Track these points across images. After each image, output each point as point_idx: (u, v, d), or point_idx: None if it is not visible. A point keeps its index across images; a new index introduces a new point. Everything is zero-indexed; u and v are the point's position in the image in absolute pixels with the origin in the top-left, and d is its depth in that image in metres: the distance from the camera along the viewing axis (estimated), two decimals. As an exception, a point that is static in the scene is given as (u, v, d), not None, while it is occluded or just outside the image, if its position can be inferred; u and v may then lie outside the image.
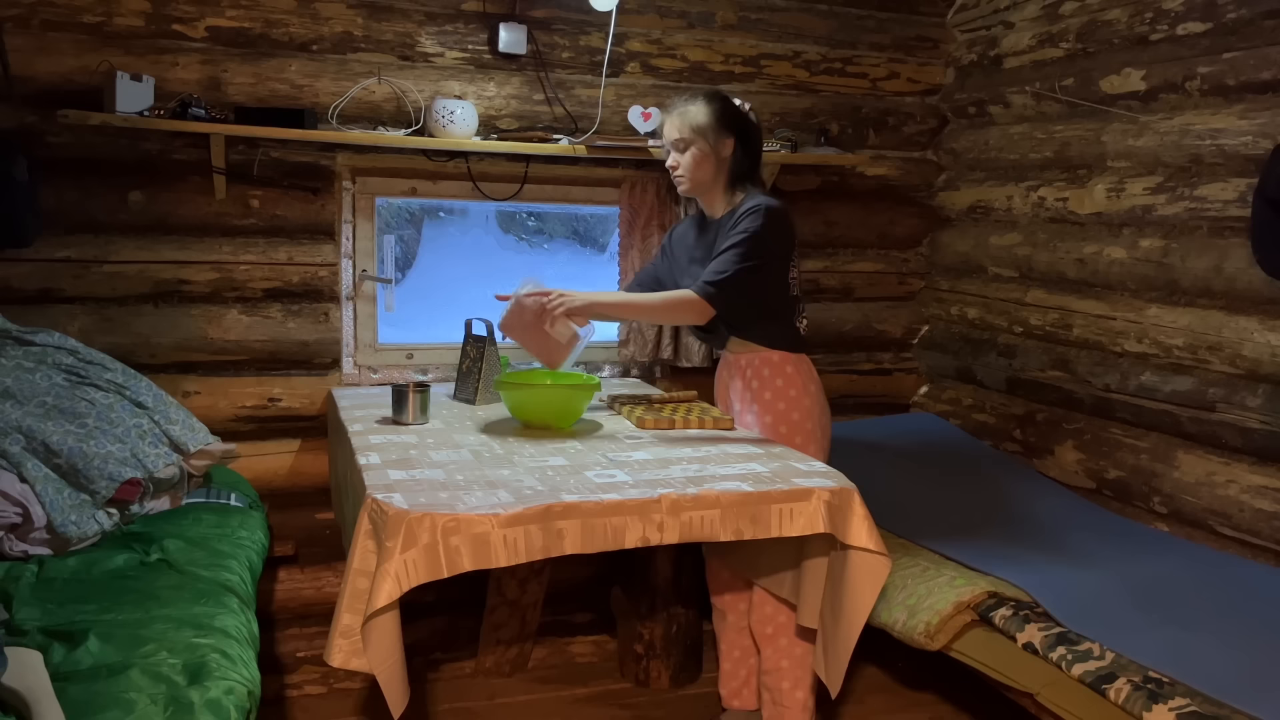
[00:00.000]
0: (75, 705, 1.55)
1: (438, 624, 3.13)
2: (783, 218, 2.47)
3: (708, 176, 2.52)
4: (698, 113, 2.49)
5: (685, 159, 2.51)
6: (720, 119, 2.49)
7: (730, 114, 2.51)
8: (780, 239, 2.46)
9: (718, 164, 2.51)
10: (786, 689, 2.48)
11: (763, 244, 2.40)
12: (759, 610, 2.51)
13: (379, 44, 3.00)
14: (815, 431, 2.53)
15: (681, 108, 2.52)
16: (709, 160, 2.50)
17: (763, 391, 2.53)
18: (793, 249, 2.53)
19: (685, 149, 2.50)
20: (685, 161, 2.51)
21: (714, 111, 2.49)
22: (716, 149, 2.49)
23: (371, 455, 2.18)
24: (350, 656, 1.83)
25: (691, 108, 2.50)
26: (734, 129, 2.50)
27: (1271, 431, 2.59)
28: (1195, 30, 2.78)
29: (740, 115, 2.54)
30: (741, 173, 2.54)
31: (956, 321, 3.73)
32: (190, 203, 2.89)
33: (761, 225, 2.40)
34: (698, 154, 2.49)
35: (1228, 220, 2.69)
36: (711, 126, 2.48)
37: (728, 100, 2.55)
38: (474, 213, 3.37)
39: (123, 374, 2.57)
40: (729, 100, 2.55)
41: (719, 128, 2.48)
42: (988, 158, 3.55)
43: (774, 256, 2.46)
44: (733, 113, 2.52)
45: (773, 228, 2.42)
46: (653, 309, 2.55)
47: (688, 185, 2.54)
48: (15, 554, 2.19)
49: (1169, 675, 2.03)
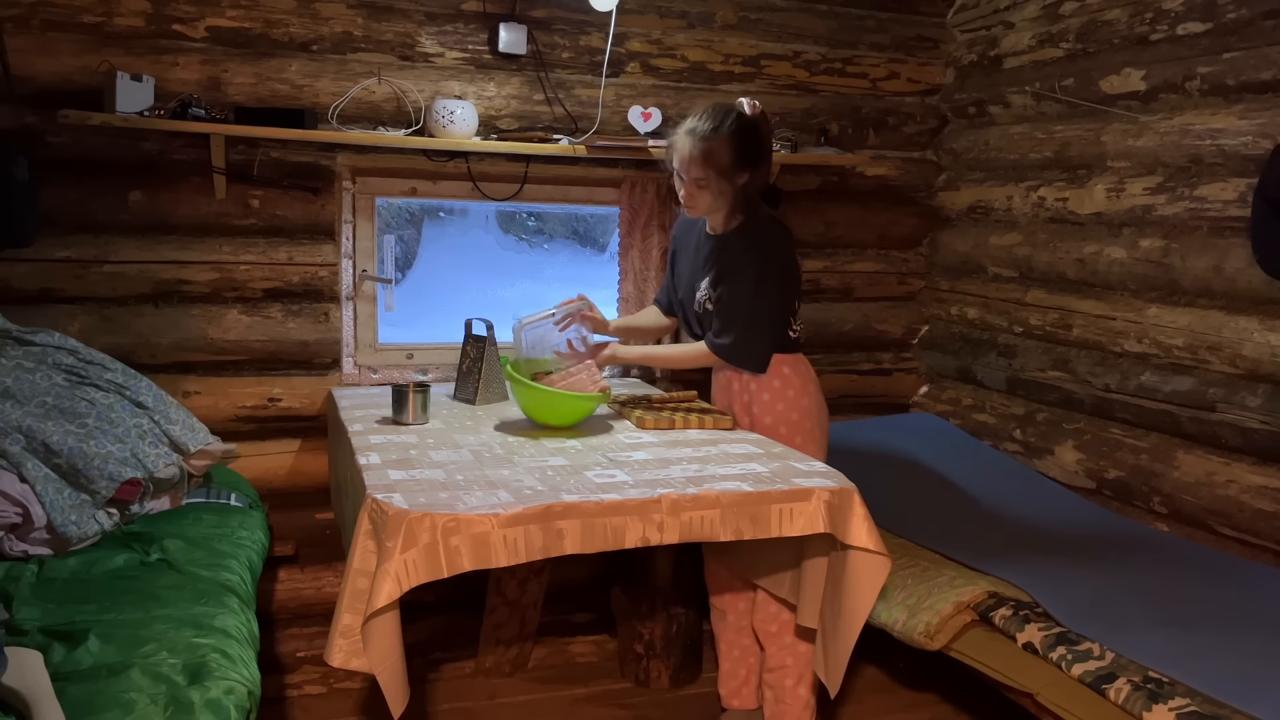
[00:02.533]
0: (75, 705, 1.55)
1: (438, 624, 3.13)
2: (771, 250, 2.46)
3: (723, 208, 2.48)
4: (721, 152, 2.37)
5: (702, 198, 2.43)
6: (741, 153, 2.39)
7: (751, 144, 2.40)
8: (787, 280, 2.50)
9: (734, 195, 2.45)
10: (789, 686, 2.48)
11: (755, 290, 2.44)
12: (763, 609, 2.52)
13: (379, 44, 3.00)
14: (815, 431, 2.54)
15: (701, 144, 2.38)
16: (726, 195, 2.44)
17: (761, 393, 2.53)
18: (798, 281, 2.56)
19: (703, 188, 2.41)
20: (701, 201, 2.44)
21: (737, 148, 2.38)
22: (734, 183, 2.42)
23: (371, 455, 2.18)
24: (350, 656, 1.83)
25: (715, 145, 2.36)
26: (754, 160, 2.41)
27: (1271, 431, 2.59)
28: (1195, 30, 2.78)
29: (761, 142, 2.43)
30: (749, 196, 2.47)
31: (956, 321, 3.73)
32: (190, 203, 2.89)
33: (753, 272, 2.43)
34: (714, 193, 2.42)
35: (1228, 220, 2.69)
36: (732, 164, 2.38)
37: (750, 130, 2.40)
38: (474, 213, 3.37)
39: (123, 374, 2.57)
40: (751, 129, 2.41)
41: (739, 162, 2.39)
42: (988, 158, 3.55)
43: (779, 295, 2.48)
44: (754, 144, 2.41)
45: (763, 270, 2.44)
46: (671, 361, 2.83)
47: (700, 215, 2.52)
48: (15, 554, 2.19)
49: (1169, 675, 2.03)
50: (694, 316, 2.62)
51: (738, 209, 2.50)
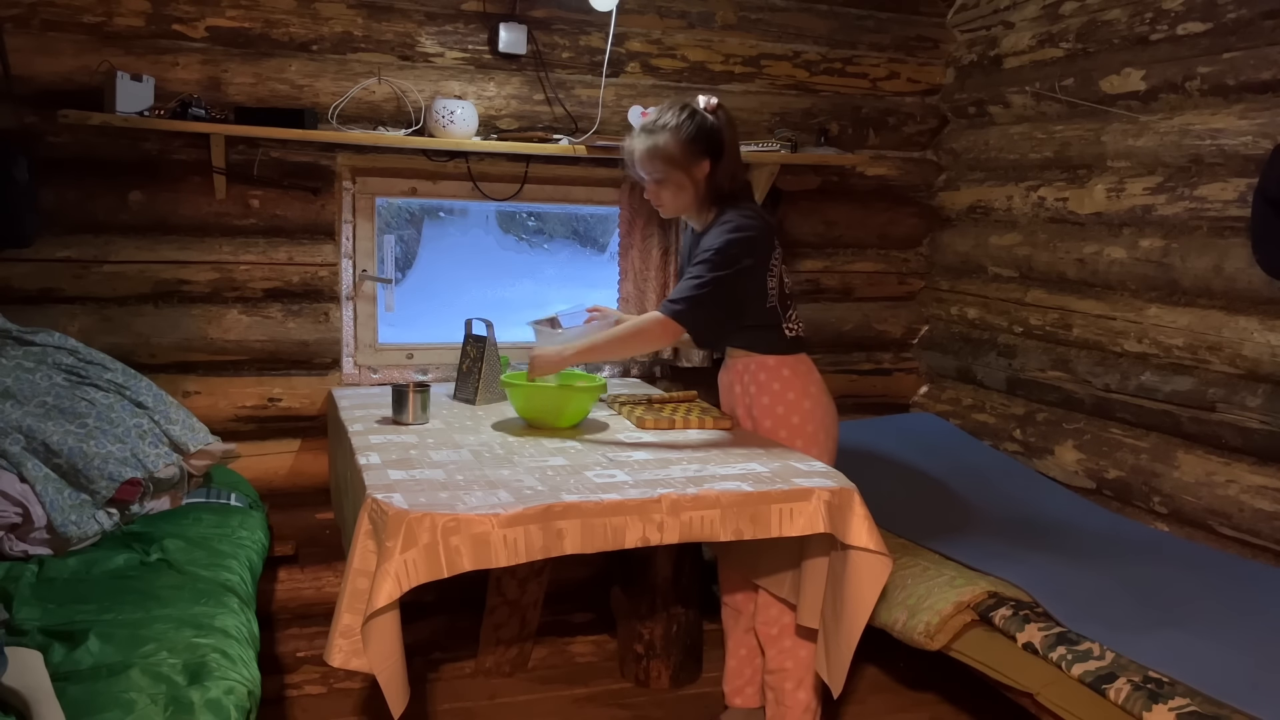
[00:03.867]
0: (75, 705, 1.55)
1: (438, 624, 3.13)
2: (750, 228, 2.37)
3: (689, 202, 2.45)
4: (667, 143, 2.37)
5: (663, 194, 2.44)
6: (691, 144, 2.37)
7: (700, 133, 2.38)
8: (747, 249, 2.36)
9: (695, 188, 2.42)
10: (789, 689, 2.48)
11: (727, 257, 2.32)
12: (764, 611, 2.51)
13: (379, 44, 3.01)
14: (818, 434, 2.49)
15: (648, 139, 2.39)
16: (687, 189, 2.42)
17: (760, 396, 2.50)
18: (767, 256, 2.41)
19: (661, 183, 2.43)
20: (664, 197, 2.45)
21: (683, 137, 2.36)
22: (692, 175, 2.40)
23: (371, 455, 2.18)
24: (350, 656, 1.83)
25: (659, 138, 2.38)
26: (707, 149, 2.39)
27: (1271, 431, 2.59)
28: (1195, 30, 2.78)
29: (710, 131, 2.39)
30: (718, 188, 2.43)
31: (956, 321, 3.73)
32: (190, 203, 2.89)
33: (726, 240, 2.34)
34: (674, 187, 2.42)
35: (1228, 220, 2.69)
36: (683, 154, 2.37)
37: (693, 116, 2.39)
38: (474, 213, 3.37)
39: (123, 374, 2.57)
40: (694, 115, 2.39)
41: (690, 153, 2.37)
42: (988, 158, 3.55)
43: (741, 269, 2.35)
44: (703, 132, 2.38)
45: (738, 240, 2.34)
46: (622, 341, 2.44)
47: (670, 213, 2.52)
48: (15, 554, 2.19)
49: (1169, 675, 2.03)
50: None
51: (709, 203, 2.45)
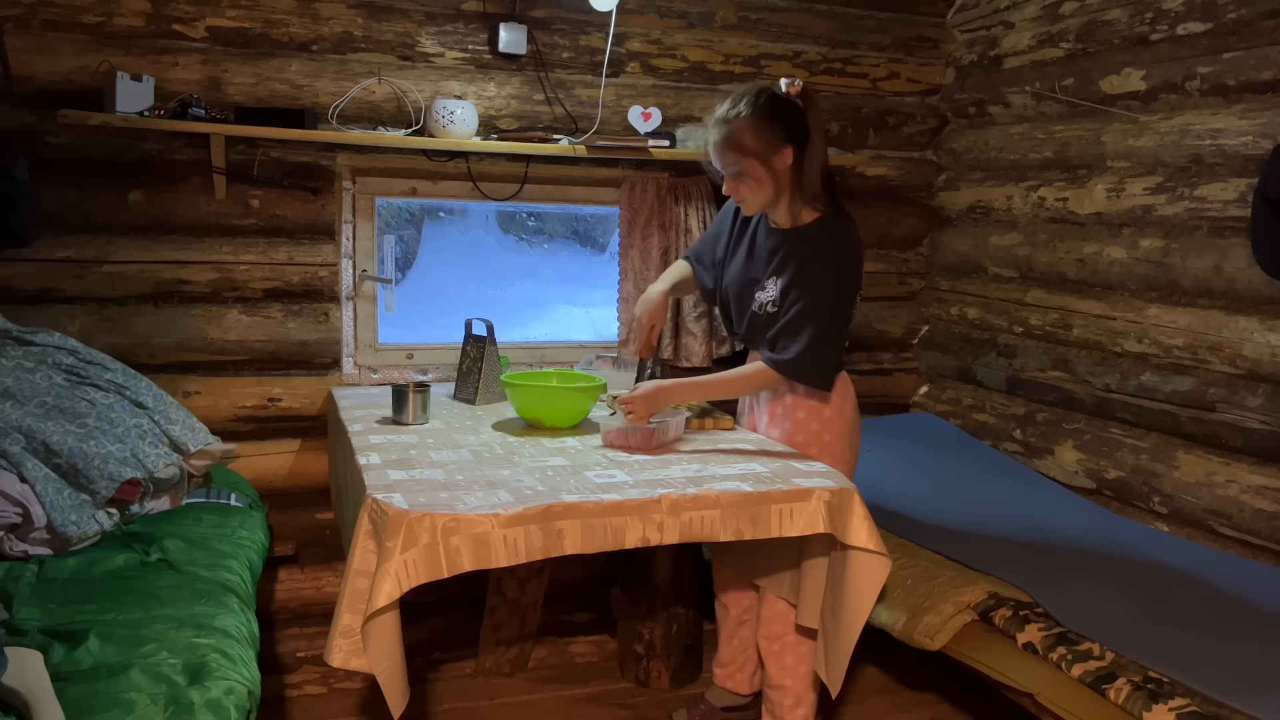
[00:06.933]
0: (75, 705, 1.55)
1: (438, 624, 3.13)
2: (853, 251, 2.25)
3: (769, 196, 2.25)
4: (744, 131, 2.18)
5: (742, 189, 2.24)
6: (768, 130, 2.18)
7: (779, 118, 2.18)
8: (856, 281, 2.27)
9: (777, 181, 2.22)
10: (788, 706, 2.46)
11: (839, 305, 2.23)
12: (767, 626, 2.46)
13: (379, 44, 3.00)
14: (845, 453, 2.42)
15: (722, 127, 2.20)
16: (766, 183, 2.22)
17: (796, 409, 2.38)
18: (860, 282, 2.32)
19: (738, 177, 2.23)
20: (744, 192, 2.25)
21: (760, 123, 2.17)
22: (771, 166, 2.20)
23: (371, 455, 2.18)
24: (350, 656, 1.83)
25: (733, 126, 2.18)
26: (789, 135, 2.19)
27: (1271, 431, 2.59)
28: (1195, 30, 2.78)
29: (792, 115, 2.19)
30: (807, 182, 2.22)
31: (956, 321, 3.73)
32: (190, 203, 2.89)
33: (839, 282, 2.21)
34: (753, 181, 2.22)
35: (1228, 220, 2.69)
36: (758, 142, 2.18)
37: (772, 100, 2.19)
38: (474, 213, 3.37)
39: (123, 374, 2.57)
40: (774, 98, 2.20)
41: (768, 141, 2.18)
42: (988, 158, 3.55)
43: (847, 305, 2.27)
44: (782, 115, 2.19)
45: (849, 279, 2.23)
46: (729, 386, 2.38)
47: (753, 210, 2.32)
48: (15, 554, 2.19)
49: (1169, 675, 2.03)
50: (745, 314, 2.39)
51: (798, 198, 2.25)
